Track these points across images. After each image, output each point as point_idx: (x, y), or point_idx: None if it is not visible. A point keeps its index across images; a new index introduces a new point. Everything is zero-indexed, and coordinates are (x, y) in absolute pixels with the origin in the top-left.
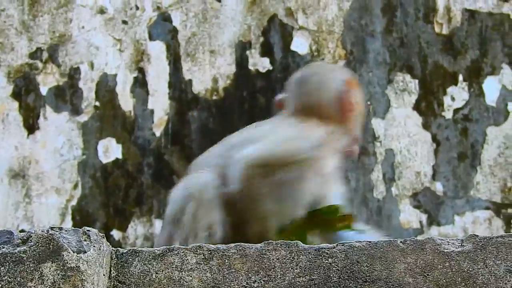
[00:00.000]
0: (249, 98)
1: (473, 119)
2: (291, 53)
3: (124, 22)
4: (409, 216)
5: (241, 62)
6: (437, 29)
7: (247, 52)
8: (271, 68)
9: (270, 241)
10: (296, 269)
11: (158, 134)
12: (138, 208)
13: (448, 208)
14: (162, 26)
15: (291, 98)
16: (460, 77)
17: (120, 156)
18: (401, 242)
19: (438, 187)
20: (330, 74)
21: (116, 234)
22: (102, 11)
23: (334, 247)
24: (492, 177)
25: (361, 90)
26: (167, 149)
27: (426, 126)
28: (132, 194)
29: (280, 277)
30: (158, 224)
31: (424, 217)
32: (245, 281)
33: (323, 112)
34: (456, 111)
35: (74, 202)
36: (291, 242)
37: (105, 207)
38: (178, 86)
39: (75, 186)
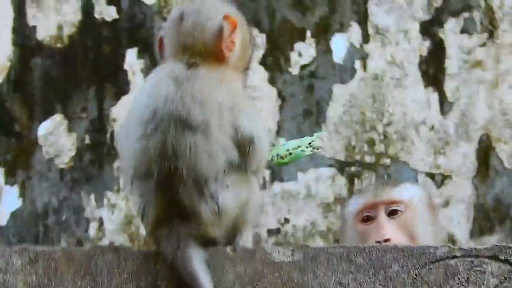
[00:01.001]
0: (94, 47)
1: (319, 76)
2: (138, 2)
3: None
4: None
5: (87, 10)
6: None
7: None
8: (117, 17)
9: (97, 245)
10: (123, 274)
11: None
12: None
13: (292, 165)
14: None
15: (170, 37)
16: (308, 33)
17: None
18: (231, 250)
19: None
20: (209, 12)
21: None
22: None
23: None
24: (337, 135)
25: (245, 24)
26: (8, 96)
27: (272, 81)
28: None
29: (107, 283)
30: None
31: (267, 173)
32: (71, 285)
33: (205, 53)
34: (302, 67)
35: None
36: (120, 246)
37: None
38: (22, 32)
39: None
